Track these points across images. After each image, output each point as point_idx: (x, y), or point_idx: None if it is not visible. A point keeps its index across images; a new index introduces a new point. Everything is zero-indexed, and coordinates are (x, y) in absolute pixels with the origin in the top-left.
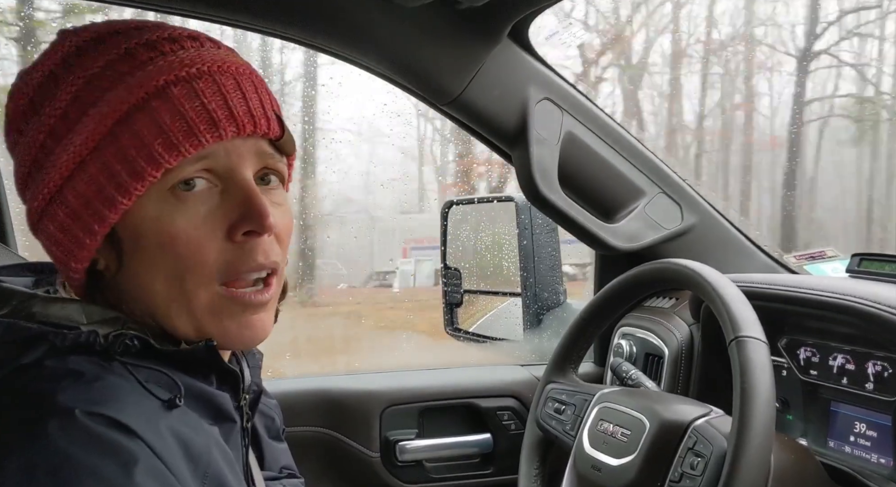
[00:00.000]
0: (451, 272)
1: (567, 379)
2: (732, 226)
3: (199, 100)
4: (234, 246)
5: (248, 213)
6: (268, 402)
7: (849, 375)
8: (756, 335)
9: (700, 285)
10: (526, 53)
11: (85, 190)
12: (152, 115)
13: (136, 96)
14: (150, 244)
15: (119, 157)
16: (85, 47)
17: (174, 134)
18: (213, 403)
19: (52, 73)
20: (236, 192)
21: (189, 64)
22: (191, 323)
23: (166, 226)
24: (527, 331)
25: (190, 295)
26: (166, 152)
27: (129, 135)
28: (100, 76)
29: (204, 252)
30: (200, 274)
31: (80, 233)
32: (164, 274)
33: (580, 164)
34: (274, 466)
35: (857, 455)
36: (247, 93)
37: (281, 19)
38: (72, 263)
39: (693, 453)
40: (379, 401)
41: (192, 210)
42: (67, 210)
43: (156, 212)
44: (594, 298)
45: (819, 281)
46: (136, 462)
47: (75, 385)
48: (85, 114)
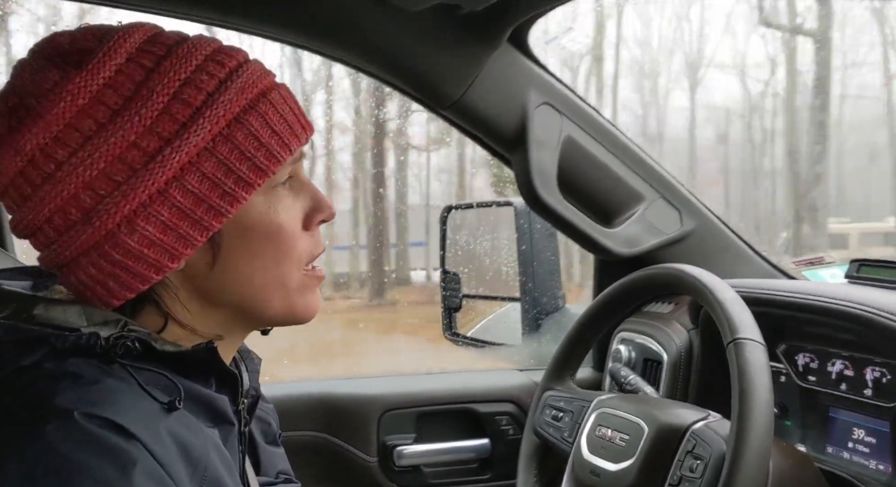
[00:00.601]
0: (450, 276)
1: (565, 386)
2: (731, 232)
3: (288, 105)
4: (307, 234)
5: (319, 206)
6: (264, 407)
7: (847, 381)
8: (753, 337)
9: (697, 289)
10: (526, 58)
11: (197, 187)
12: (262, 118)
13: (245, 100)
14: (257, 235)
15: (237, 155)
16: (150, 49)
17: (283, 134)
18: (212, 406)
19: (122, 71)
20: (304, 188)
21: (265, 73)
22: (283, 302)
23: (274, 219)
24: (525, 336)
25: (285, 279)
26: (281, 149)
27: (244, 135)
28: (197, 79)
29: (298, 239)
30: (294, 260)
31: (190, 230)
32: (265, 262)
33: (579, 169)
34: (270, 471)
35: (855, 461)
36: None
37: (280, 23)
38: (168, 263)
39: (692, 456)
40: (377, 406)
41: (287, 203)
42: (173, 209)
43: (265, 206)
44: (592, 304)
45: (818, 287)
46: (135, 464)
47: (74, 387)
48: (199, 115)
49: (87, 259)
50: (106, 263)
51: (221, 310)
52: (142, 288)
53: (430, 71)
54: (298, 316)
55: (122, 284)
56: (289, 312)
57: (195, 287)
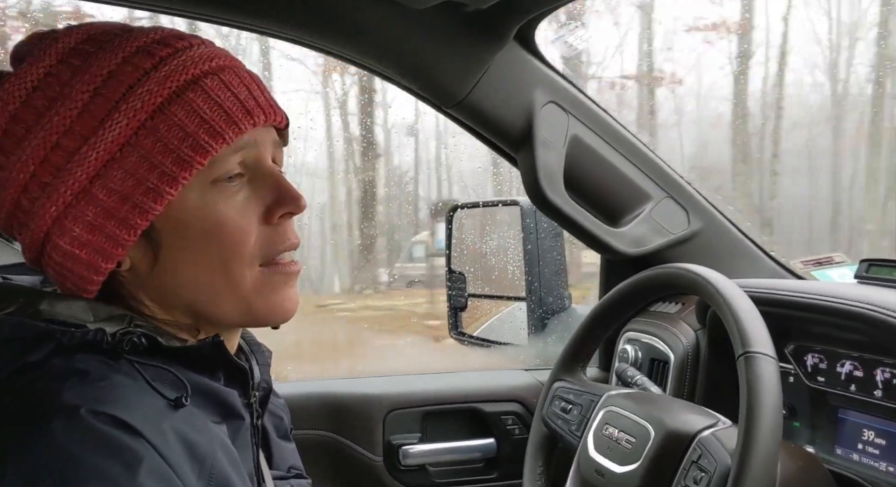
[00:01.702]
0: (455, 276)
1: (575, 378)
2: (739, 231)
3: (230, 91)
4: (269, 228)
5: (283, 197)
6: (276, 402)
7: (857, 382)
8: (766, 351)
9: (710, 294)
10: (532, 56)
11: (120, 185)
12: (189, 106)
13: (169, 89)
14: (194, 233)
15: (160, 149)
16: (84, 47)
17: (215, 122)
18: (221, 400)
19: (50, 73)
20: (266, 179)
21: (209, 58)
22: (238, 305)
23: (212, 215)
24: (531, 336)
25: (236, 279)
26: (211, 140)
27: (167, 126)
28: (120, 72)
29: (247, 236)
30: (244, 258)
31: (117, 229)
32: (208, 262)
33: (586, 168)
34: (282, 465)
35: (865, 462)
36: (259, 86)
37: (285, 21)
38: (102, 264)
39: (697, 467)
40: (382, 405)
41: (234, 198)
42: (98, 208)
43: (200, 202)
44: (605, 299)
45: (827, 287)
46: (141, 461)
47: (81, 383)
48: (115, 110)
49: (43, 258)
50: (54, 262)
51: (180, 311)
52: (90, 287)
53: (436, 69)
54: (261, 318)
55: (74, 283)
56: (247, 314)
57: (146, 287)
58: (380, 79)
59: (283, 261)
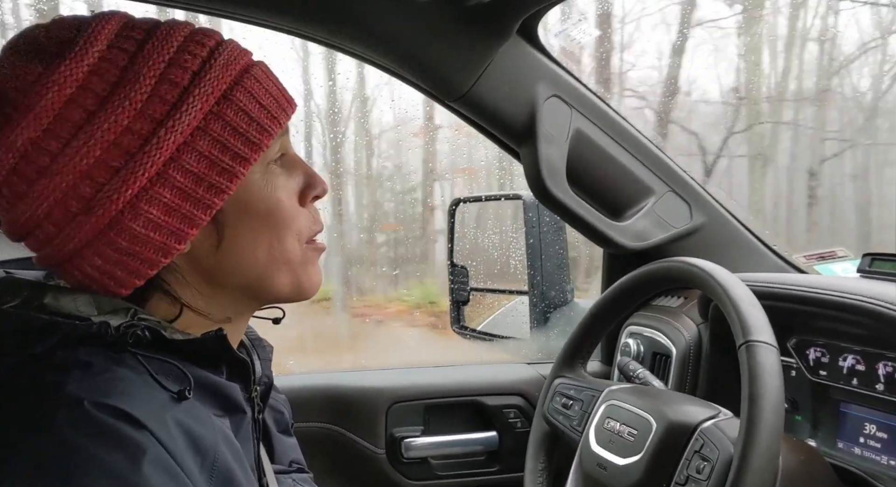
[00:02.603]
0: (458, 270)
1: (575, 374)
2: (742, 226)
3: (271, 81)
4: (304, 209)
5: (313, 181)
6: (277, 396)
7: (859, 376)
8: (766, 339)
9: (711, 286)
10: (535, 50)
11: (196, 166)
12: (249, 93)
13: (230, 76)
14: (258, 211)
15: (229, 131)
16: (130, 34)
17: (271, 108)
18: (223, 394)
19: (105, 57)
20: (295, 164)
21: (243, 52)
22: (289, 278)
23: (273, 193)
24: (534, 330)
25: (289, 254)
26: (271, 123)
27: (234, 111)
28: (180, 59)
29: (295, 214)
30: (294, 234)
31: (194, 209)
32: (268, 239)
33: (589, 162)
34: (283, 459)
35: (866, 456)
36: None
37: (288, 15)
38: (175, 245)
39: (700, 456)
40: (385, 398)
41: (283, 178)
42: (175, 190)
43: (262, 182)
44: (605, 294)
45: (829, 281)
46: (144, 453)
47: (84, 375)
48: (188, 94)
49: (90, 250)
50: (112, 252)
51: (229, 291)
52: (150, 273)
53: (439, 63)
54: (304, 290)
55: (130, 271)
56: (295, 286)
57: (202, 269)
58: (383, 72)
59: (317, 241)
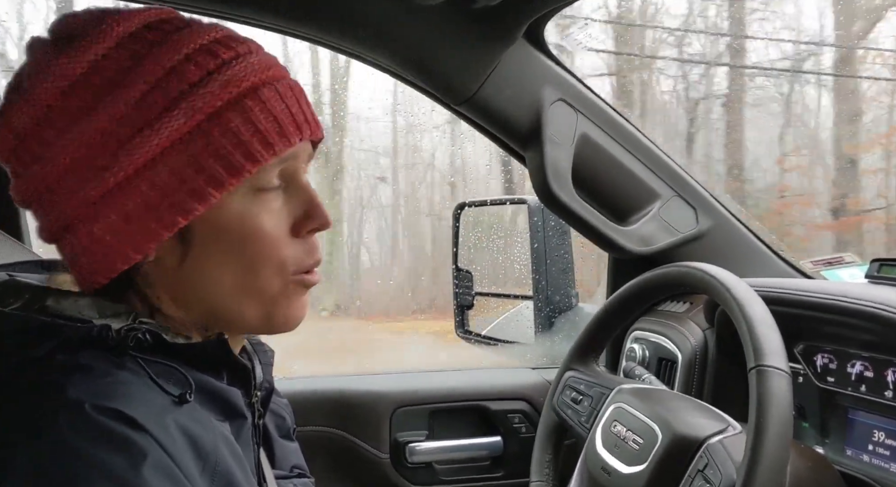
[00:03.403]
0: (462, 274)
1: (587, 369)
2: (748, 231)
3: (284, 103)
4: (297, 241)
5: (313, 212)
6: (279, 401)
7: (867, 383)
8: (779, 365)
9: (725, 298)
10: (541, 54)
11: (165, 181)
12: (246, 115)
13: (230, 94)
14: (231, 238)
15: (211, 152)
16: (144, 34)
17: (269, 133)
18: (224, 399)
19: (108, 56)
20: (299, 192)
21: (267, 67)
22: (260, 310)
23: (252, 221)
24: (538, 334)
25: (262, 286)
26: (263, 149)
27: (221, 131)
28: (182, 68)
29: (280, 246)
30: (274, 266)
31: (154, 223)
32: (239, 267)
33: (594, 166)
34: (284, 465)
35: (875, 464)
36: (306, 99)
37: (294, 17)
38: (130, 253)
39: (702, 477)
40: (389, 402)
41: (271, 207)
42: (139, 200)
43: (242, 208)
44: (620, 291)
45: (837, 287)
46: (145, 456)
47: (85, 378)
48: (175, 106)
49: (64, 238)
50: (78, 244)
51: (195, 310)
52: (110, 274)
53: (444, 66)
54: (275, 325)
55: (93, 269)
56: (264, 320)
57: (167, 282)
58: (389, 76)
59: (309, 274)
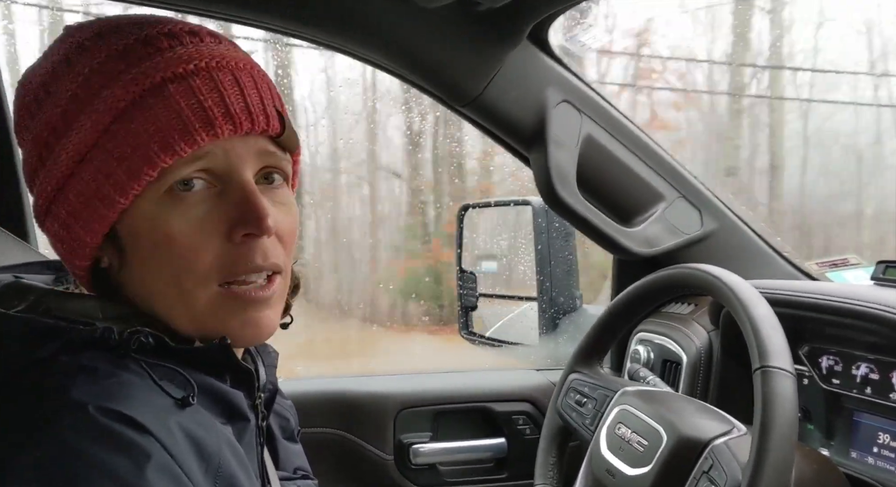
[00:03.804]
0: (466, 275)
1: (591, 371)
2: (753, 233)
3: (196, 98)
4: (233, 246)
5: (246, 215)
6: (283, 403)
7: (873, 385)
8: (783, 366)
9: (730, 300)
10: (545, 55)
11: (85, 188)
12: (148, 114)
13: (133, 94)
14: (146, 244)
15: (116, 156)
16: (87, 44)
17: (170, 133)
18: (227, 402)
19: (55, 70)
20: (235, 193)
21: (186, 60)
22: (192, 322)
23: (162, 227)
24: (542, 336)
25: (188, 296)
26: (162, 152)
27: (125, 133)
28: (96, 73)
29: (201, 253)
30: (198, 275)
31: (81, 231)
32: (162, 275)
33: (599, 168)
34: (288, 466)
35: (880, 466)
36: (245, 89)
37: (298, 19)
38: (75, 260)
39: (707, 478)
40: (393, 404)
41: (190, 210)
42: (69, 208)
43: (152, 213)
44: (625, 293)
45: (842, 289)
46: (149, 458)
47: (89, 380)
48: (82, 112)
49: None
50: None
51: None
52: (77, 271)
53: (448, 68)
54: (217, 339)
55: (65, 261)
56: (202, 334)
57: (124, 286)
58: (393, 77)
59: (243, 285)
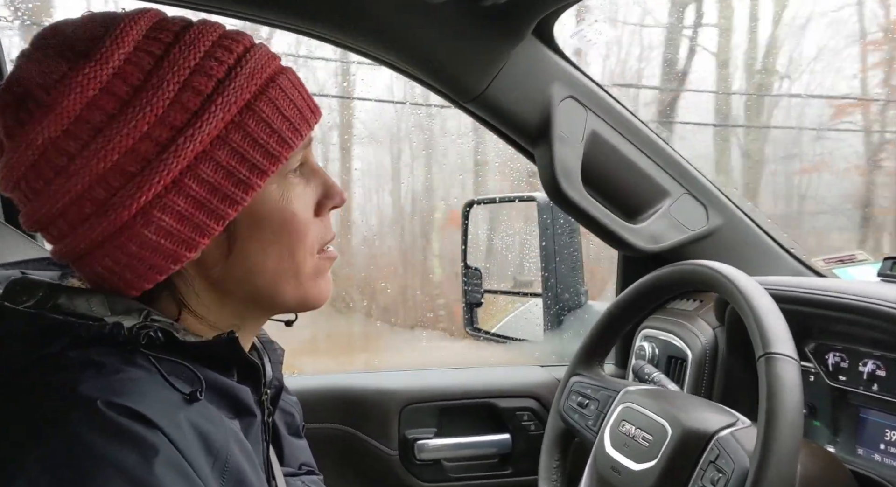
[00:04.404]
0: (471, 271)
1: (592, 373)
2: (759, 229)
3: (297, 90)
4: (319, 220)
5: (330, 192)
6: (288, 399)
7: (879, 381)
8: (787, 352)
9: (731, 292)
10: (550, 51)
11: (212, 176)
12: (273, 103)
13: (255, 85)
14: (271, 223)
15: (249, 142)
16: (158, 36)
17: (294, 119)
18: (234, 397)
19: (130, 60)
20: (314, 175)
21: (273, 57)
22: (296, 290)
23: (288, 206)
24: (547, 332)
25: (298, 266)
26: (292, 135)
27: (255, 122)
28: (205, 66)
29: (310, 227)
30: (307, 246)
31: (207, 219)
32: (279, 250)
33: (604, 164)
34: (293, 462)
35: (887, 463)
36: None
37: (304, 16)
38: (185, 253)
39: (714, 467)
40: (398, 400)
41: (299, 190)
42: (190, 199)
43: (279, 194)
44: (625, 293)
45: (848, 285)
46: (157, 453)
47: (97, 376)
48: (210, 103)
49: (102, 251)
50: (122, 255)
51: (236, 300)
52: (159, 278)
53: (453, 64)
54: (311, 301)
55: (139, 275)
56: (301, 299)
57: (210, 276)
58: (397, 73)
59: (326, 253)
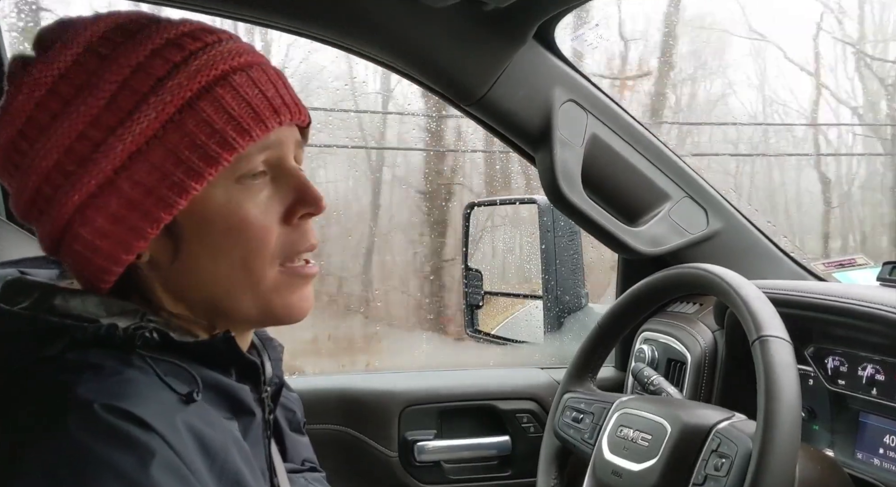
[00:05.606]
0: (472, 273)
1: (585, 388)
2: (759, 232)
3: (258, 88)
4: (290, 228)
5: (304, 197)
6: (289, 395)
7: (879, 386)
8: (779, 334)
9: (719, 287)
10: (551, 55)
11: (146, 178)
12: (218, 102)
13: (199, 84)
14: (217, 229)
15: (187, 144)
16: (112, 36)
17: (243, 119)
18: (233, 396)
19: (78, 61)
20: (288, 178)
21: (237, 54)
22: (255, 302)
23: (236, 212)
24: (547, 334)
25: (256, 277)
26: (238, 137)
27: (195, 122)
28: (148, 64)
29: (269, 235)
30: (265, 256)
31: (140, 222)
32: (229, 259)
33: (604, 167)
34: (296, 459)
35: (886, 468)
36: (285, 83)
37: (305, 18)
38: (122, 255)
39: (717, 454)
40: (398, 401)
41: (257, 196)
42: (122, 200)
43: (224, 198)
44: (613, 305)
45: (848, 289)
46: (153, 456)
47: (95, 378)
48: (144, 102)
49: (62, 247)
50: (72, 253)
51: (197, 307)
52: (108, 278)
53: (455, 67)
54: (278, 316)
55: (92, 273)
56: (265, 312)
57: (166, 281)
58: (399, 76)
59: (299, 263)
